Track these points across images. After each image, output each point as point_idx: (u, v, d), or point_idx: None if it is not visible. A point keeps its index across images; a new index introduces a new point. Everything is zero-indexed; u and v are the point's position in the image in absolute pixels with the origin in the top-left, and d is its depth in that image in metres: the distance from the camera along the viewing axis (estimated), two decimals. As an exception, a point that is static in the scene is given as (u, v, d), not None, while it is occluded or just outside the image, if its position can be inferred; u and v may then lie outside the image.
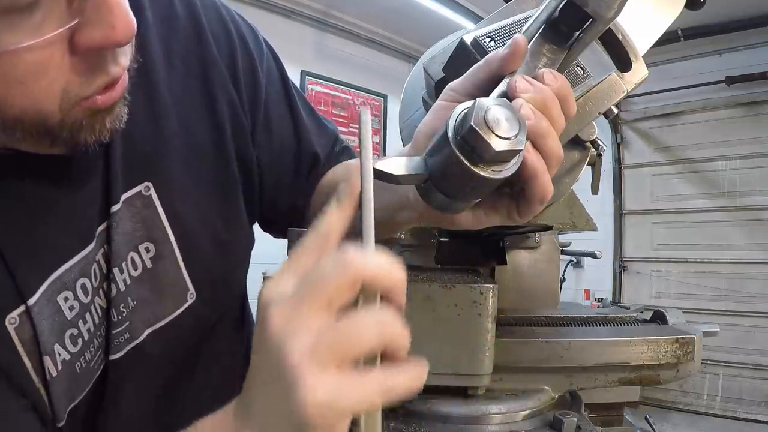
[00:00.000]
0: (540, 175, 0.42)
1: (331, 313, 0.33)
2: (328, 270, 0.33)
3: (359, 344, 0.32)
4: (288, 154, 0.70)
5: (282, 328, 0.33)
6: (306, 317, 0.33)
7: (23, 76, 0.37)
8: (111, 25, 0.37)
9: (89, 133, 0.43)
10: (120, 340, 0.55)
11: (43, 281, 0.48)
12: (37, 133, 0.41)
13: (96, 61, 0.40)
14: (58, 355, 0.49)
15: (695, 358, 0.77)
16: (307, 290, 0.33)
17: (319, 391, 0.32)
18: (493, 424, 0.68)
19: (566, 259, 4.06)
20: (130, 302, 0.55)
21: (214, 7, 0.65)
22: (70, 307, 0.50)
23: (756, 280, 3.80)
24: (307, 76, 3.85)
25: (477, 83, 0.45)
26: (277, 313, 0.34)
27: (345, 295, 0.33)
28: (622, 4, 0.42)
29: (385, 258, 0.34)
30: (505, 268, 1.06)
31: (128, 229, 0.55)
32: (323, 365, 0.32)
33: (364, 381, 0.33)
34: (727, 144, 3.94)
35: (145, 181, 0.56)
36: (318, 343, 0.32)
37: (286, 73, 0.72)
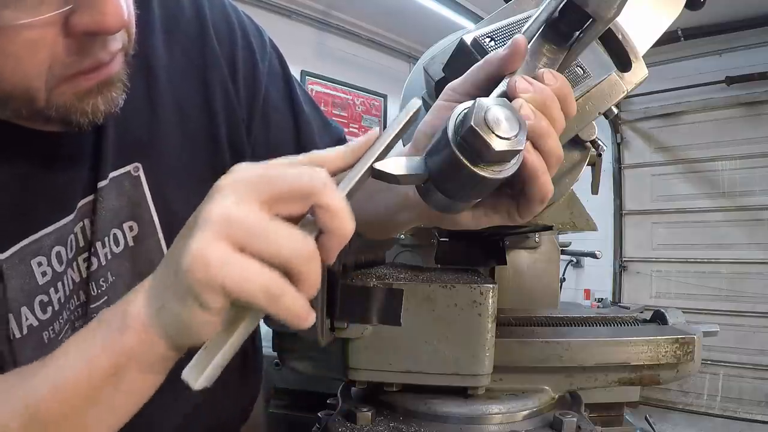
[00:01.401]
0: (540, 175, 0.42)
1: (269, 211, 0.35)
2: (291, 172, 0.35)
3: (269, 244, 0.34)
4: (287, 150, 0.70)
5: (221, 191, 0.35)
6: (245, 195, 0.35)
7: (18, 51, 0.39)
8: (102, 12, 0.39)
9: (81, 115, 0.45)
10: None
11: (18, 241, 0.50)
12: (27, 112, 0.44)
13: (86, 45, 0.42)
14: (24, 318, 0.50)
15: (695, 358, 0.76)
16: (262, 177, 0.35)
17: (213, 252, 0.33)
18: (493, 424, 0.68)
19: (566, 259, 4.07)
20: (109, 277, 0.57)
21: (220, 7, 0.67)
22: (42, 272, 0.51)
23: (756, 280, 3.80)
24: (307, 76, 3.85)
25: (477, 83, 0.45)
26: (227, 179, 0.36)
27: (291, 203, 0.35)
28: (622, 4, 0.42)
29: (345, 203, 0.36)
30: (505, 268, 1.06)
31: (114, 206, 0.56)
32: (228, 237, 0.34)
33: (254, 268, 0.34)
34: (727, 144, 3.94)
35: (135, 162, 0.57)
36: (237, 217, 0.34)
37: (291, 73, 0.73)
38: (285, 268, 0.34)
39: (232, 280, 0.33)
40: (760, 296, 3.78)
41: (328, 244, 0.36)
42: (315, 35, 3.96)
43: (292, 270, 0.34)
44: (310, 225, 0.36)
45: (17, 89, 0.41)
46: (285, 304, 0.34)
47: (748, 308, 3.82)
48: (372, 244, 0.79)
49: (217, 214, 0.34)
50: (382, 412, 0.69)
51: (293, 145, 0.70)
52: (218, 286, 0.33)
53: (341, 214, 0.35)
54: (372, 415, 0.67)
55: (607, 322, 0.91)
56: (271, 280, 0.34)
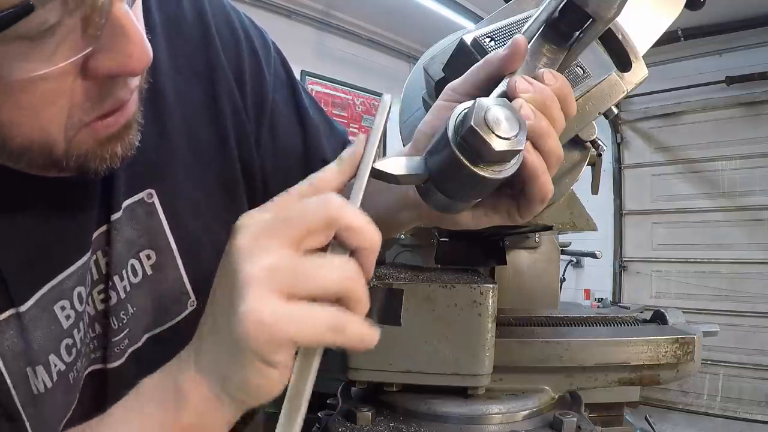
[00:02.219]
0: (540, 175, 0.42)
1: (298, 250, 0.34)
2: (306, 207, 0.35)
3: (316, 281, 0.33)
4: (295, 159, 0.68)
5: (246, 248, 0.34)
6: (272, 244, 0.34)
7: (34, 103, 0.36)
8: (127, 53, 0.36)
9: (99, 162, 0.42)
10: (120, 347, 0.54)
11: (38, 289, 0.47)
12: (43, 163, 0.40)
13: (106, 87, 0.39)
14: (53, 365, 0.48)
15: (695, 358, 0.77)
16: (280, 221, 0.34)
17: (264, 309, 0.32)
18: (493, 424, 0.68)
19: (566, 259, 4.07)
20: (129, 309, 0.54)
21: (222, 9, 0.64)
22: (66, 316, 0.49)
23: (756, 280, 3.80)
24: (307, 76, 3.85)
25: (477, 83, 0.45)
26: (246, 236, 0.35)
27: (316, 236, 0.34)
28: (622, 4, 0.42)
29: (365, 217, 0.35)
30: (505, 268, 1.06)
31: (129, 236, 0.54)
32: (275, 289, 0.33)
33: (313, 312, 0.33)
34: (727, 144, 3.94)
35: (148, 188, 0.55)
36: (276, 268, 0.33)
37: (295, 76, 0.71)
38: (337, 297, 0.34)
39: (296, 330, 0.33)
40: (760, 296, 3.78)
41: (363, 260, 0.36)
42: (315, 35, 3.96)
43: (344, 297, 0.34)
44: (339, 248, 0.36)
45: (35, 142, 0.38)
46: (350, 332, 0.34)
47: (748, 308, 3.82)
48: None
49: (254, 271, 0.33)
50: (382, 412, 0.69)
51: (300, 151, 0.69)
52: (285, 341, 0.33)
53: (366, 229, 0.35)
54: (372, 415, 0.67)
55: (607, 322, 0.91)
56: (331, 317, 0.33)
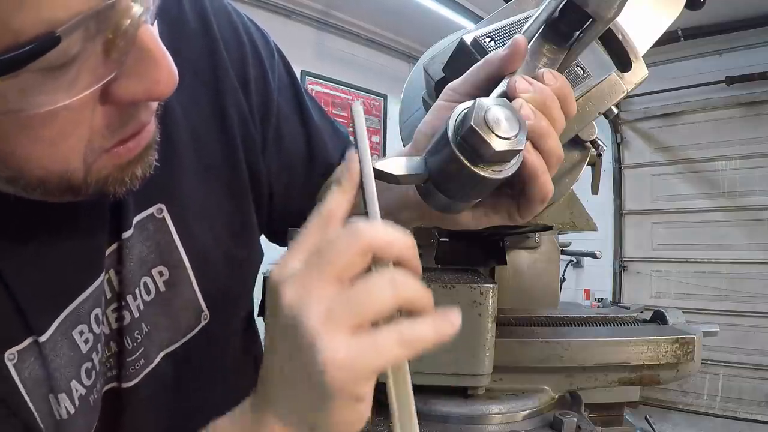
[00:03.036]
0: (540, 175, 0.42)
1: (344, 284, 0.34)
2: (337, 242, 0.34)
3: (374, 304, 0.33)
4: (299, 164, 0.68)
5: (296, 302, 0.33)
6: (318, 288, 0.33)
7: (53, 135, 0.34)
8: (155, 79, 0.35)
9: (119, 186, 0.40)
10: (135, 367, 0.54)
11: (57, 316, 0.46)
12: (60, 191, 0.38)
13: (128, 112, 0.37)
14: (75, 391, 0.47)
15: (695, 358, 0.77)
16: (317, 263, 0.34)
17: (339, 351, 0.32)
18: (493, 424, 0.68)
19: (566, 259, 4.07)
20: (144, 328, 0.53)
21: (224, 12, 0.62)
22: (85, 340, 0.48)
23: (756, 280, 3.80)
24: (307, 76, 3.84)
25: (477, 83, 0.45)
26: (290, 289, 0.34)
27: (355, 266, 0.34)
28: (622, 4, 0.42)
29: (391, 227, 0.35)
30: (505, 268, 1.06)
31: (140, 253, 0.52)
32: (340, 328, 0.32)
33: (382, 337, 0.33)
34: (727, 144, 3.94)
35: (157, 203, 0.53)
36: (332, 308, 0.33)
37: (297, 78, 0.70)
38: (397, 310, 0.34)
39: (373, 361, 0.33)
40: (760, 296, 3.78)
41: (406, 264, 0.36)
42: (315, 35, 3.96)
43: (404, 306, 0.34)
44: (382, 263, 0.35)
45: (53, 173, 0.36)
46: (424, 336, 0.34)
47: (748, 308, 3.82)
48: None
49: (314, 321, 0.32)
50: (382, 412, 0.69)
51: (304, 154, 0.68)
52: (368, 376, 0.33)
53: (398, 240, 0.35)
54: (372, 415, 0.67)
55: (607, 322, 0.91)
56: (397, 334, 0.33)
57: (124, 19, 0.31)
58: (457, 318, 0.35)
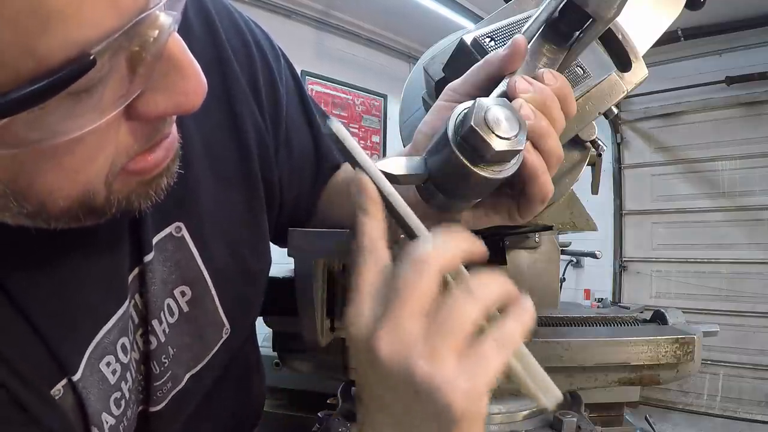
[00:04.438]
0: (540, 174, 0.42)
1: (429, 314, 0.33)
2: (405, 276, 0.33)
3: (465, 325, 0.33)
4: (307, 168, 0.67)
5: (395, 353, 0.33)
6: (409, 330, 0.33)
7: (78, 163, 0.31)
8: (184, 92, 0.32)
9: (144, 200, 0.38)
10: (162, 391, 0.53)
11: (85, 351, 0.44)
12: (83, 216, 0.35)
13: (154, 126, 0.35)
14: (105, 423, 0.46)
15: (695, 358, 0.77)
16: (395, 305, 0.33)
17: (456, 383, 0.32)
18: (493, 424, 0.68)
19: (566, 259, 4.06)
20: (170, 351, 0.52)
21: (228, 15, 0.59)
22: (113, 371, 0.47)
23: (756, 280, 3.80)
24: (307, 76, 3.84)
25: (477, 83, 0.45)
26: (383, 342, 0.33)
27: (432, 292, 0.34)
28: (622, 4, 0.42)
29: (446, 236, 0.35)
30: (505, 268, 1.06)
31: (162, 275, 0.51)
32: (447, 360, 0.32)
33: (483, 349, 0.33)
34: (727, 144, 3.94)
35: (175, 222, 0.51)
36: (432, 346, 0.32)
37: (300, 80, 0.69)
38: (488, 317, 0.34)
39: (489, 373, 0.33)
40: (760, 296, 3.78)
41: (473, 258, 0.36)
42: (315, 35, 3.96)
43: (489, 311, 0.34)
44: (456, 273, 0.35)
45: (75, 201, 0.33)
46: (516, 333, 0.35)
47: (748, 308, 3.81)
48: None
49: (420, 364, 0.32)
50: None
51: (313, 159, 0.68)
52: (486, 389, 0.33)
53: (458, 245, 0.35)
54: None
55: (607, 322, 0.91)
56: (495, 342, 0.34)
57: (152, 30, 0.28)
58: (530, 303, 0.36)
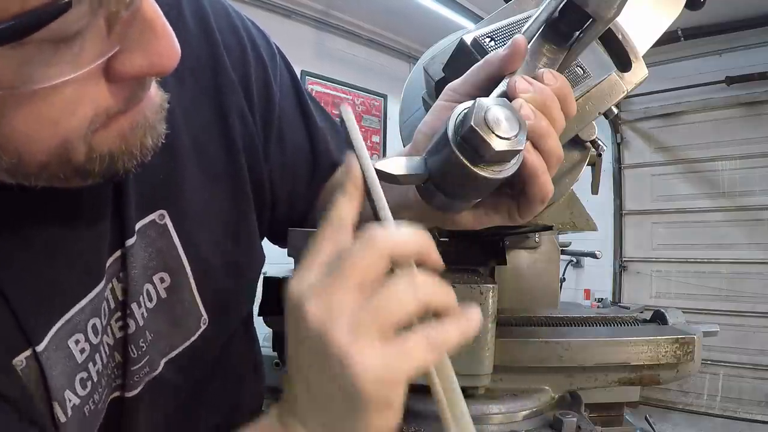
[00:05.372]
0: (540, 174, 0.42)
1: (366, 292, 0.33)
2: (354, 251, 0.34)
3: (398, 310, 0.33)
4: (302, 165, 0.68)
5: (320, 316, 0.33)
6: (341, 299, 0.33)
7: (57, 113, 0.32)
8: (157, 52, 0.34)
9: (128, 159, 0.39)
10: (139, 376, 0.53)
11: (52, 325, 0.45)
12: (65, 174, 0.37)
13: (132, 87, 0.36)
14: (68, 401, 0.46)
15: (695, 358, 0.77)
16: (336, 274, 0.34)
17: (370, 362, 0.32)
18: (493, 424, 0.68)
19: (566, 259, 4.06)
20: (147, 336, 0.53)
21: (225, 14, 0.61)
22: (81, 350, 0.47)
23: (756, 280, 3.80)
24: (307, 76, 3.84)
25: (477, 83, 0.45)
26: (313, 303, 0.34)
27: (376, 272, 0.34)
28: (622, 4, 0.42)
29: (405, 228, 0.35)
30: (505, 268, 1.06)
31: (143, 260, 0.52)
32: (367, 339, 0.32)
33: (410, 342, 0.33)
34: (727, 144, 3.93)
35: (159, 209, 0.53)
36: (357, 320, 0.33)
37: (299, 79, 0.69)
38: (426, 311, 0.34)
39: (407, 367, 0.33)
40: (760, 296, 3.77)
41: (427, 262, 0.36)
42: (315, 35, 3.96)
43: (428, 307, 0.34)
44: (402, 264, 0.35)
45: (53, 156, 0.34)
46: (450, 338, 0.34)
47: (748, 308, 3.81)
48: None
49: (342, 333, 0.32)
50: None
51: (309, 158, 0.68)
52: (400, 382, 0.33)
53: (415, 239, 0.35)
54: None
55: (607, 322, 0.91)
56: (425, 338, 0.33)
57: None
58: (478, 315, 0.35)
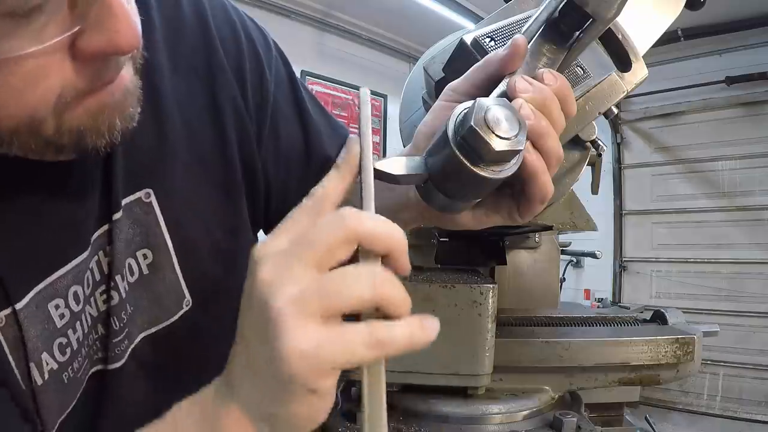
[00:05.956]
0: (540, 174, 0.42)
1: (322, 269, 0.33)
2: (322, 226, 0.33)
3: (348, 295, 0.32)
4: (296, 158, 0.68)
5: (270, 281, 0.33)
6: (295, 270, 0.33)
7: (21, 83, 0.35)
8: (115, 30, 0.35)
9: (97, 137, 0.41)
10: (120, 348, 0.55)
11: (33, 287, 0.47)
12: (36, 145, 0.39)
13: (96, 66, 0.38)
14: (45, 364, 0.48)
15: (695, 358, 0.77)
16: (298, 246, 0.33)
17: (302, 339, 0.31)
18: (493, 424, 0.68)
19: (566, 259, 4.06)
20: (128, 308, 0.55)
21: (222, 8, 0.63)
22: (60, 315, 0.49)
23: (756, 280, 3.80)
24: (307, 76, 3.84)
25: (477, 83, 0.45)
26: (267, 267, 0.33)
27: (338, 253, 0.33)
28: (622, 4, 0.42)
29: (383, 220, 0.34)
30: (505, 268, 1.06)
31: (127, 235, 0.54)
32: (308, 315, 0.32)
33: (351, 332, 0.32)
34: (727, 144, 3.93)
35: (145, 188, 0.54)
36: (304, 293, 0.32)
37: (295, 74, 0.70)
38: (376, 306, 0.33)
39: (338, 355, 0.32)
40: (760, 296, 3.77)
41: (394, 262, 0.35)
42: (315, 35, 3.96)
43: (381, 303, 0.33)
44: (369, 254, 0.34)
45: (22, 124, 0.37)
46: (395, 339, 0.33)
47: (748, 308, 3.81)
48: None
49: (283, 302, 0.32)
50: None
51: (302, 149, 0.68)
52: (330, 370, 0.32)
53: (388, 232, 0.34)
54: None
55: (607, 322, 0.91)
56: (366, 333, 0.32)
57: None
58: (435, 327, 0.34)
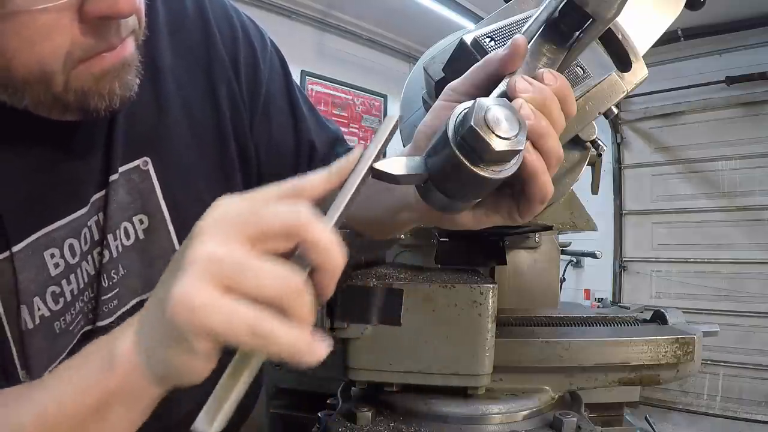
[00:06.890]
0: (540, 174, 0.42)
1: (254, 248, 0.33)
2: (272, 210, 0.34)
3: (255, 282, 0.33)
4: (287, 149, 0.71)
5: (201, 234, 0.34)
6: (227, 234, 0.34)
7: (34, 36, 0.40)
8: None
9: (98, 99, 0.46)
10: (109, 306, 0.57)
11: (31, 233, 0.50)
12: (45, 98, 0.44)
13: (100, 29, 0.43)
14: (37, 309, 0.51)
15: (695, 358, 0.77)
16: (244, 214, 0.34)
17: (193, 293, 0.32)
18: (493, 424, 0.68)
19: (566, 259, 4.06)
20: (120, 269, 0.57)
21: (221, 6, 0.68)
22: (55, 264, 0.52)
23: (756, 280, 3.80)
24: (307, 76, 3.84)
25: (477, 83, 0.45)
26: (209, 219, 0.35)
27: (274, 241, 0.34)
28: (622, 4, 0.42)
29: (333, 236, 0.34)
30: (505, 268, 1.06)
31: (124, 199, 0.57)
32: (212, 278, 0.33)
33: (240, 310, 0.33)
34: (727, 144, 3.93)
35: (144, 156, 0.58)
36: (221, 257, 0.33)
37: (290, 73, 0.74)
38: (273, 305, 0.33)
39: (217, 322, 0.32)
40: (760, 296, 3.77)
41: (320, 278, 0.35)
42: (315, 35, 3.96)
43: (281, 306, 0.33)
44: (301, 259, 0.34)
45: (33, 74, 0.42)
46: (276, 342, 0.33)
47: (748, 308, 3.81)
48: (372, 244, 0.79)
49: (200, 255, 0.33)
50: (382, 412, 0.70)
51: (292, 143, 0.72)
52: (204, 331, 0.33)
53: (328, 248, 0.34)
54: (372, 415, 0.67)
55: (607, 322, 0.91)
56: (256, 320, 0.32)
57: None
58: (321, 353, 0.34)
